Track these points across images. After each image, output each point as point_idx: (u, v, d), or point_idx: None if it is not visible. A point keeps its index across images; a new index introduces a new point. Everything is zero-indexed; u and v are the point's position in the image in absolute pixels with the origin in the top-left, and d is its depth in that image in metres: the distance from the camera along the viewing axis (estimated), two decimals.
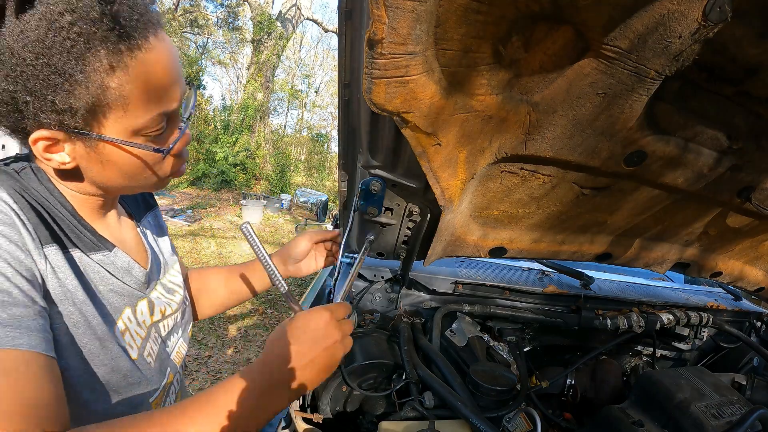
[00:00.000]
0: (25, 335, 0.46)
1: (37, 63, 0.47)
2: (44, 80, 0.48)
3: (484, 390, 1.04)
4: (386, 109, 0.60)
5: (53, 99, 0.49)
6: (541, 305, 1.51)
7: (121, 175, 0.60)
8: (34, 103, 0.49)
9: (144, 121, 0.55)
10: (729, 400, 1.03)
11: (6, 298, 0.46)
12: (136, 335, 0.65)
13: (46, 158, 0.55)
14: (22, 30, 0.47)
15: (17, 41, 0.47)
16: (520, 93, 0.71)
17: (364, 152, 0.92)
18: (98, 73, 0.50)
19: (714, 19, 0.55)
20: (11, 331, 0.45)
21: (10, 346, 0.45)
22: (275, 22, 11.49)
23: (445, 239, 1.05)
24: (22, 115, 0.51)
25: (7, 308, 0.46)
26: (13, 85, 0.49)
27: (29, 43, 0.47)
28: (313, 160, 18.42)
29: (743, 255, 1.37)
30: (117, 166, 0.58)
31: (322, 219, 1.96)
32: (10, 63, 0.47)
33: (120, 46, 0.50)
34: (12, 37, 0.47)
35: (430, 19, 0.52)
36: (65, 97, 0.49)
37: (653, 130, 0.82)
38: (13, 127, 0.53)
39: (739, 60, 0.66)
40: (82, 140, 0.54)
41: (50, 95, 0.49)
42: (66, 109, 0.50)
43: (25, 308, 0.48)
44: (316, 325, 0.61)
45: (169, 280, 0.79)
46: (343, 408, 1.12)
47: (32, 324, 0.48)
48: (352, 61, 0.81)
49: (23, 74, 0.48)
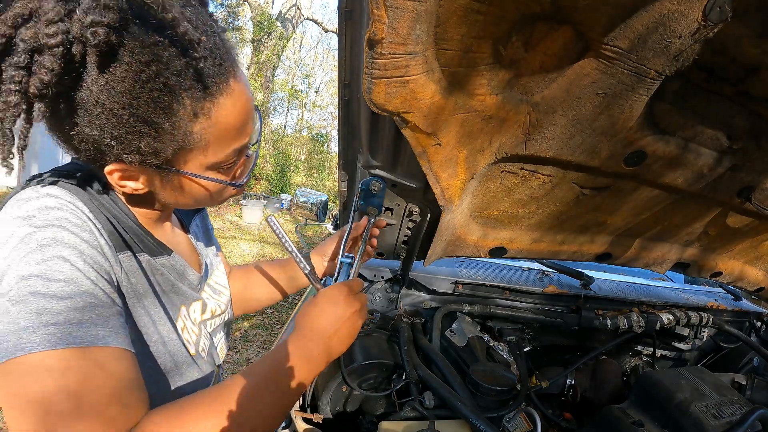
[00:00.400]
0: (113, 334, 0.50)
1: (124, 113, 0.49)
2: (130, 128, 0.50)
3: (484, 390, 1.04)
4: (386, 109, 0.60)
5: (138, 144, 0.51)
6: (541, 305, 1.51)
7: (192, 200, 0.64)
8: (117, 147, 0.51)
9: (221, 158, 0.59)
10: (729, 400, 1.03)
11: (93, 300, 0.50)
12: (191, 332, 0.71)
13: (120, 185, 0.57)
14: (108, 81, 0.47)
15: (102, 92, 0.47)
16: (520, 93, 0.71)
17: (364, 152, 0.92)
18: (182, 121, 0.52)
19: (714, 19, 0.55)
20: (101, 330, 0.49)
21: (102, 344, 0.49)
22: (275, 22, 11.49)
23: (445, 239, 1.05)
24: (102, 154, 0.53)
25: (96, 309, 0.50)
26: (98, 132, 0.50)
27: (116, 94, 0.47)
28: (313, 160, 18.42)
29: (743, 255, 1.37)
30: (190, 194, 0.62)
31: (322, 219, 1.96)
32: (95, 112, 0.48)
33: (203, 94, 0.52)
34: (97, 86, 0.47)
35: (430, 19, 0.52)
36: (150, 143, 0.52)
37: (653, 130, 0.82)
38: (88, 161, 0.55)
39: (739, 60, 0.66)
40: (159, 174, 0.57)
41: (135, 141, 0.51)
42: (150, 153, 0.52)
43: (109, 308, 0.51)
44: (336, 299, 0.68)
45: (215, 281, 0.83)
46: (343, 408, 1.12)
47: (116, 323, 0.52)
48: (352, 61, 0.81)
49: (109, 123, 0.49)
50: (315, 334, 0.65)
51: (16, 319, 0.46)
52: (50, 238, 0.49)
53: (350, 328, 0.68)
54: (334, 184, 15.30)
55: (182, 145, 0.54)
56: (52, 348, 0.46)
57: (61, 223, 0.50)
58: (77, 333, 0.47)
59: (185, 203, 0.65)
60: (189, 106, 0.51)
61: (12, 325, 0.45)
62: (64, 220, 0.51)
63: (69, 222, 0.51)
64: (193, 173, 0.58)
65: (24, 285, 0.46)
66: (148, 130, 0.50)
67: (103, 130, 0.49)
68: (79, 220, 0.52)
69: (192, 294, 0.73)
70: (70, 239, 0.50)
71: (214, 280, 0.83)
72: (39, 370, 0.45)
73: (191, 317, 0.72)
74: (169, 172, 0.57)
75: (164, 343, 0.63)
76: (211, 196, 0.64)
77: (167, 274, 0.67)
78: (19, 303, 0.46)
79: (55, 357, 0.46)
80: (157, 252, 0.65)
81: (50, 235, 0.49)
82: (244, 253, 6.47)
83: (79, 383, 0.46)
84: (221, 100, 0.54)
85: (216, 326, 0.81)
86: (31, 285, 0.47)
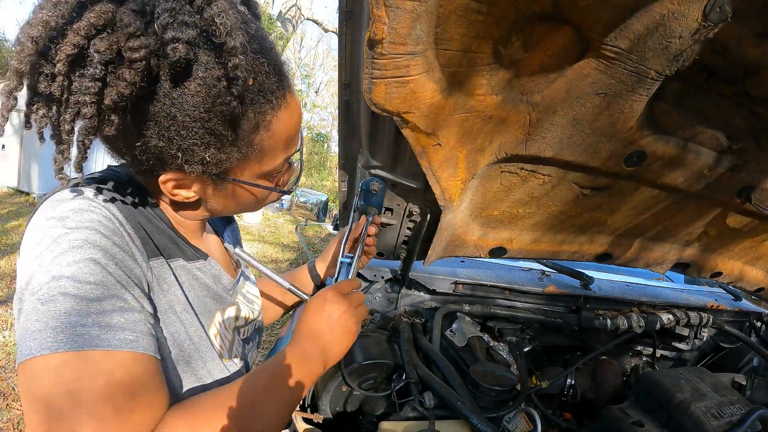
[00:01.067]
0: (140, 339, 0.51)
1: (194, 125, 0.50)
2: (198, 140, 0.51)
3: (484, 390, 1.04)
4: (386, 109, 0.60)
5: (203, 156, 0.53)
6: (541, 305, 1.51)
7: (238, 207, 0.66)
8: (182, 157, 0.52)
9: (272, 167, 0.61)
10: (729, 400, 1.03)
11: (123, 304, 0.50)
12: (225, 338, 0.71)
13: (172, 194, 0.58)
14: (181, 94, 0.48)
15: (175, 105, 0.48)
16: (520, 93, 0.71)
17: (364, 152, 0.92)
18: (246, 133, 0.54)
19: (714, 19, 0.55)
20: (129, 334, 0.50)
21: (129, 349, 0.49)
22: (275, 22, 11.49)
23: (445, 239, 1.05)
24: (163, 164, 0.54)
25: (124, 313, 0.50)
26: (165, 143, 0.51)
27: (188, 107, 0.49)
28: (313, 160, 18.41)
29: (743, 255, 1.37)
30: (238, 201, 0.64)
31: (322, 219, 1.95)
32: (165, 125, 0.49)
33: (266, 107, 0.54)
34: (170, 100, 0.48)
35: (430, 19, 0.52)
36: (215, 153, 0.53)
37: (653, 130, 0.82)
38: (142, 170, 0.55)
39: (739, 60, 0.66)
40: (213, 182, 0.58)
41: (201, 152, 0.52)
42: (213, 163, 0.54)
43: (138, 314, 0.52)
44: (325, 301, 0.70)
45: (247, 290, 0.84)
46: (343, 408, 1.12)
47: (144, 328, 0.52)
48: (352, 61, 0.81)
49: (179, 135, 0.50)
50: (310, 336, 0.67)
51: (44, 318, 0.46)
52: (82, 240, 0.50)
53: (344, 327, 0.69)
54: (334, 184, 15.29)
55: (244, 155, 0.56)
56: (78, 349, 0.46)
57: (94, 226, 0.51)
58: (104, 336, 0.48)
59: (230, 210, 0.67)
60: (253, 119, 0.54)
61: (40, 323, 0.46)
62: (97, 223, 0.51)
63: (102, 225, 0.52)
64: (247, 182, 0.60)
65: (54, 285, 0.47)
66: (214, 141, 0.52)
67: (172, 141, 0.50)
68: (112, 224, 0.53)
69: (227, 298, 0.73)
70: (102, 242, 0.51)
71: (246, 289, 0.84)
72: (65, 370, 0.46)
73: (226, 323, 0.72)
74: (225, 181, 0.58)
75: (197, 349, 0.64)
76: (257, 202, 0.66)
77: (203, 278, 0.68)
78: (49, 302, 0.47)
79: (81, 358, 0.47)
80: (192, 257, 0.66)
81: (82, 237, 0.50)
82: None
83: (104, 385, 0.47)
84: (280, 113, 0.56)
85: (250, 333, 0.82)
86: (62, 286, 0.47)
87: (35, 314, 0.47)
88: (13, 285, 4.04)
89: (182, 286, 0.62)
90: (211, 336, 0.67)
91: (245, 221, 8.38)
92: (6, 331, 3.20)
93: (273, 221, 8.79)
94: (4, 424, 2.31)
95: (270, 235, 7.74)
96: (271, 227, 8.33)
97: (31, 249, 0.50)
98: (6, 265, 4.41)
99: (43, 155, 7.24)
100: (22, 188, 7.55)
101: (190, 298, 0.64)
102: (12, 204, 6.98)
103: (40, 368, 0.46)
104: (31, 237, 0.51)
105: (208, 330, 0.67)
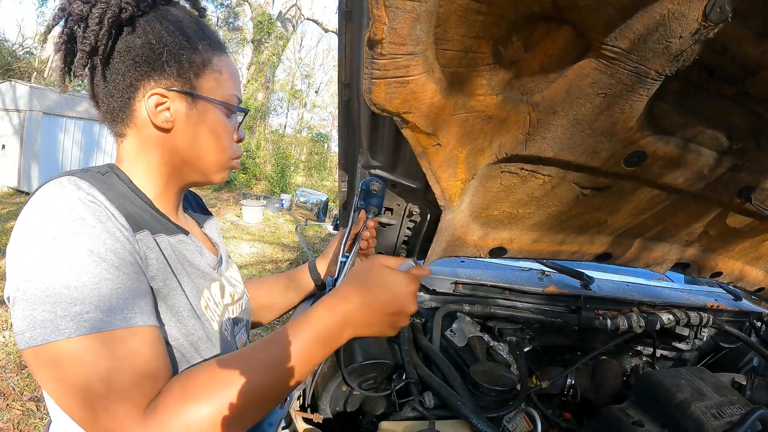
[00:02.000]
0: (139, 313, 0.56)
1: (164, 43, 0.67)
2: (179, 45, 0.68)
3: (484, 390, 1.04)
4: (386, 110, 0.60)
5: (178, 57, 0.67)
6: (541, 305, 1.51)
7: (205, 140, 0.72)
8: (164, 56, 0.67)
9: (228, 95, 0.73)
10: (729, 400, 1.03)
11: (119, 285, 0.55)
12: (214, 311, 0.74)
13: (154, 114, 0.67)
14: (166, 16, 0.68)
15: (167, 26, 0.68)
16: (521, 93, 0.71)
17: (364, 152, 0.92)
18: (206, 52, 0.71)
19: (714, 19, 0.55)
20: (129, 312, 0.55)
21: (131, 325, 0.54)
22: (275, 22, 11.49)
23: (445, 239, 1.05)
24: (146, 72, 0.66)
25: (122, 295, 0.55)
26: (171, 39, 0.67)
27: (174, 27, 0.68)
28: (313, 160, 18.42)
29: (743, 255, 1.37)
30: (206, 127, 0.71)
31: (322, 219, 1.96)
32: (168, 32, 0.67)
33: (212, 50, 0.72)
34: (167, 19, 0.68)
35: (430, 20, 0.52)
36: (189, 55, 0.68)
37: (653, 131, 0.82)
38: (142, 75, 0.66)
39: (739, 60, 0.66)
40: (185, 100, 0.69)
41: (186, 51, 0.68)
42: (186, 64, 0.68)
43: (134, 291, 0.56)
44: (386, 270, 0.67)
45: (230, 275, 0.87)
46: (343, 408, 1.12)
47: (141, 302, 0.57)
48: (352, 61, 0.81)
49: (159, 40, 0.66)
50: (360, 309, 0.64)
51: (50, 309, 0.51)
52: (74, 232, 0.53)
53: (397, 313, 0.66)
54: (334, 184, 15.29)
55: (204, 63, 0.70)
56: (86, 333, 0.51)
57: (82, 216, 0.55)
58: (107, 318, 0.52)
59: (196, 148, 0.72)
60: (209, 48, 0.71)
61: (48, 314, 0.51)
62: (84, 212, 0.55)
63: (89, 213, 0.55)
64: (211, 99, 0.71)
65: (55, 278, 0.51)
66: (187, 46, 0.68)
67: (153, 43, 0.66)
68: (98, 210, 0.57)
69: (211, 274, 0.77)
70: (92, 230, 0.54)
71: (229, 274, 0.86)
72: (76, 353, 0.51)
73: (214, 298, 0.75)
74: (195, 97, 0.69)
75: (182, 317, 0.66)
76: (221, 137, 0.73)
77: (185, 252, 0.71)
78: (54, 295, 0.51)
79: (89, 341, 0.51)
80: (173, 231, 0.70)
81: (74, 229, 0.54)
82: (245, 253, 6.47)
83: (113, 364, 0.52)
84: (222, 57, 0.73)
85: (237, 314, 0.84)
86: (61, 278, 0.51)
87: (41, 305, 0.51)
88: None
89: (166, 257, 0.65)
90: (201, 305, 0.70)
91: (245, 221, 8.39)
92: (6, 331, 3.20)
93: (273, 221, 8.78)
94: (4, 424, 2.31)
95: (270, 235, 7.74)
96: (271, 227, 8.33)
97: (21, 240, 0.54)
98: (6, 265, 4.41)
99: (43, 155, 7.24)
100: (22, 188, 7.56)
101: (176, 271, 0.66)
102: (12, 204, 6.98)
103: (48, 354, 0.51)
104: (22, 229, 0.55)
105: (199, 301, 0.69)
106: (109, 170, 0.67)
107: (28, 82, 9.82)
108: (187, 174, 0.74)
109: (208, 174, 0.75)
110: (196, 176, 0.75)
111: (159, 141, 0.69)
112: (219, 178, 0.77)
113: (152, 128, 0.68)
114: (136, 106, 0.67)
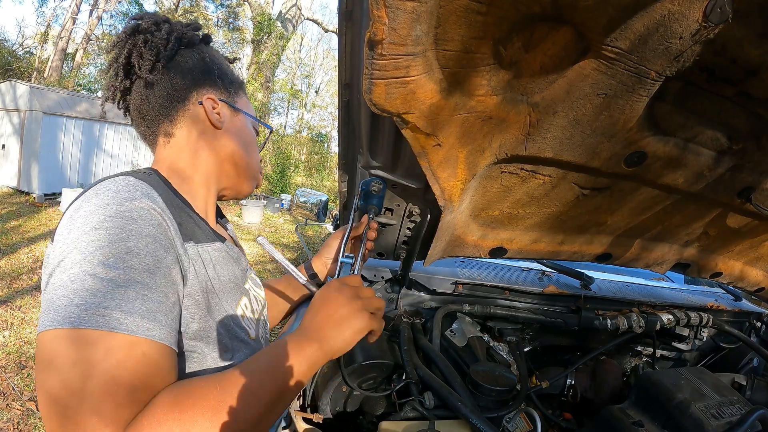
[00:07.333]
0: (156, 328, 0.54)
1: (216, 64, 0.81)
2: (225, 66, 0.84)
3: (484, 390, 1.04)
4: (386, 110, 0.60)
5: (224, 76, 0.82)
6: (541, 305, 1.51)
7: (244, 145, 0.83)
8: (215, 71, 0.81)
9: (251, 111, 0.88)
10: (729, 400, 1.03)
11: (146, 292, 0.54)
12: (251, 321, 0.77)
13: (209, 110, 0.77)
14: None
15: (214, 53, 0.85)
16: (521, 93, 0.71)
17: (364, 152, 0.92)
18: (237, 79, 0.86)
19: (714, 19, 0.55)
20: (148, 323, 0.53)
21: (145, 336, 0.53)
22: (275, 22, 11.49)
23: (445, 239, 1.05)
24: (198, 82, 0.78)
25: (147, 301, 0.54)
26: (219, 61, 0.83)
27: (218, 56, 0.85)
28: (313, 160, 18.43)
29: (743, 255, 1.37)
30: (244, 135, 0.84)
31: (322, 219, 1.95)
32: (217, 57, 0.84)
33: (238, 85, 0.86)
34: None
35: (430, 20, 0.52)
36: (230, 77, 0.83)
37: (653, 131, 0.82)
38: (197, 82, 0.77)
39: (739, 61, 0.66)
40: (228, 110, 0.81)
41: (228, 74, 0.83)
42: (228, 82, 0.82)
43: (160, 303, 0.55)
44: (326, 294, 0.71)
45: (254, 276, 0.91)
46: (343, 408, 1.12)
47: (164, 319, 0.56)
48: (353, 61, 0.81)
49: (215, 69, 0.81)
50: (309, 328, 0.67)
51: (71, 295, 0.50)
52: (120, 228, 0.54)
53: (347, 317, 0.68)
54: (334, 184, 15.29)
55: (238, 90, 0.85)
56: (97, 328, 0.50)
57: (132, 215, 0.55)
58: (123, 320, 0.51)
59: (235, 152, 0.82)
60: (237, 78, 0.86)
61: (66, 299, 0.50)
62: (137, 211, 0.56)
63: (141, 212, 0.56)
64: (247, 112, 0.85)
65: (87, 266, 0.51)
66: (229, 70, 0.85)
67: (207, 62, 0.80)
68: (154, 211, 0.58)
69: (245, 280, 0.81)
70: (139, 230, 0.55)
71: (252, 275, 0.90)
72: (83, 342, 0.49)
73: (251, 305, 0.79)
74: (234, 108, 0.82)
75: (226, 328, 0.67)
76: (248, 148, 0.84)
77: (222, 259, 0.73)
78: (77, 281, 0.51)
79: (96, 336, 0.50)
80: (213, 238, 0.73)
81: (120, 225, 0.54)
82: (246, 253, 6.46)
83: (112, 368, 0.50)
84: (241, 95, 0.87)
85: (265, 316, 0.87)
86: (91, 268, 0.51)
87: (62, 290, 0.51)
88: (14, 285, 4.03)
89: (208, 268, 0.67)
90: (239, 315, 0.72)
91: (245, 221, 8.39)
92: (6, 331, 3.20)
93: (273, 221, 8.78)
94: (4, 424, 2.31)
95: (270, 235, 7.74)
96: (271, 227, 8.33)
97: (68, 231, 0.54)
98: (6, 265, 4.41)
99: (43, 155, 7.23)
100: (22, 188, 7.55)
101: (217, 280, 0.68)
102: (12, 204, 6.98)
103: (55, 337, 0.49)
104: (70, 220, 0.55)
105: (236, 310, 0.72)
106: (153, 173, 0.70)
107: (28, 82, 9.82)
108: (224, 178, 0.82)
109: (243, 179, 0.84)
110: (233, 180, 0.83)
111: (209, 136, 0.78)
112: (248, 187, 0.86)
113: (205, 124, 0.77)
114: (190, 107, 0.76)
